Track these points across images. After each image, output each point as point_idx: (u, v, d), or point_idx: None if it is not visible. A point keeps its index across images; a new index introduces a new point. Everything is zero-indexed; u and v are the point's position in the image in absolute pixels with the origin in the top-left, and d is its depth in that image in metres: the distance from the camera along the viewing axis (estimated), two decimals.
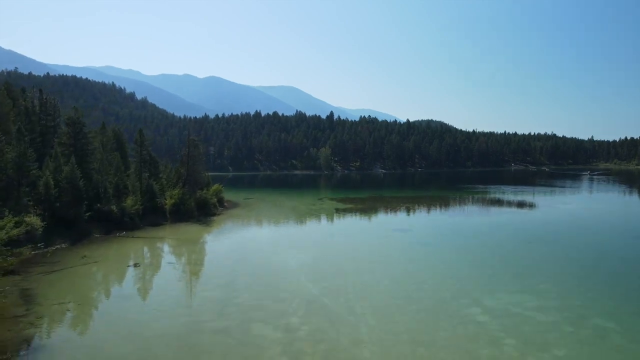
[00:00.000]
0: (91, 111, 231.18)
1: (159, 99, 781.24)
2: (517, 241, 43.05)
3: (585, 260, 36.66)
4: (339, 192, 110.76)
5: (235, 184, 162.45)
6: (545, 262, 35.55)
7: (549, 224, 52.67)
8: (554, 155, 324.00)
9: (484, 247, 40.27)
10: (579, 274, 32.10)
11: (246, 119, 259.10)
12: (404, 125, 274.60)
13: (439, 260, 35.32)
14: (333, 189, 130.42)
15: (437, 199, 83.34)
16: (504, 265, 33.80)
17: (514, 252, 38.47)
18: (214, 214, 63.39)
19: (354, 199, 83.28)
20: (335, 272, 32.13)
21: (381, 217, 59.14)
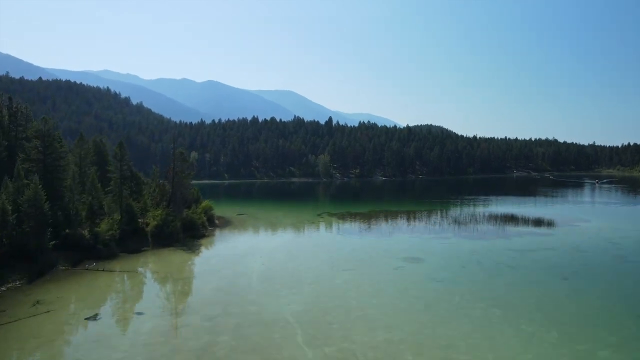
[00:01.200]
0: (84, 117, 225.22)
1: (156, 104, 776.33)
2: (550, 277, 37.08)
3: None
4: (338, 204, 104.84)
5: (230, 193, 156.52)
6: (594, 310, 29.60)
7: (579, 250, 46.71)
8: (556, 161, 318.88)
9: (513, 288, 34.29)
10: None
11: (243, 125, 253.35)
12: (404, 131, 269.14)
13: (464, 310, 29.29)
14: (332, 200, 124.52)
15: (444, 214, 77.46)
16: (546, 318, 27.76)
17: (552, 296, 32.46)
18: (203, 235, 57.34)
19: (355, 215, 77.33)
20: (339, 327, 26.12)
21: (387, 240, 53.10)
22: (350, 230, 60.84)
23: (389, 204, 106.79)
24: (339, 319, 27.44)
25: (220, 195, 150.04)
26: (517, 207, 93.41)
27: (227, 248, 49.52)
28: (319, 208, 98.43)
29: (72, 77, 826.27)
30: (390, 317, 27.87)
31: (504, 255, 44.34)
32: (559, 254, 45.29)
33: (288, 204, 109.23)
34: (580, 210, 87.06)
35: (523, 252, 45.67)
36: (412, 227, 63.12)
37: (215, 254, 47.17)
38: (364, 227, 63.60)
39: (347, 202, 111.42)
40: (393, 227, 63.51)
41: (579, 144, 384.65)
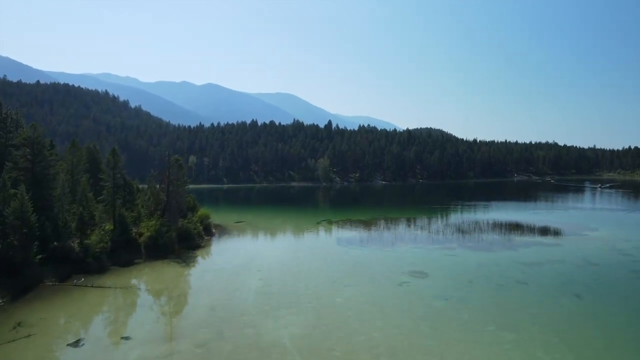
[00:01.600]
0: (82, 121, 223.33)
1: (155, 107, 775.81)
2: (562, 294, 35.22)
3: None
4: (338, 210, 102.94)
5: (229, 198, 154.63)
6: (613, 332, 27.74)
7: (590, 264, 44.82)
8: (556, 165, 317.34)
9: (525, 307, 32.42)
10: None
11: (242, 128, 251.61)
12: (404, 135, 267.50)
13: (473, 333, 27.42)
14: (332, 205, 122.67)
15: (447, 222, 75.65)
16: (562, 342, 25.88)
17: (567, 317, 30.60)
18: (198, 245, 55.44)
19: (356, 223, 75.46)
20: (341, 353, 24.28)
21: (389, 251, 51.22)
22: (351, 240, 58.92)
23: (389, 210, 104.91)
24: (340, 344, 25.55)
25: (219, 201, 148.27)
26: (521, 214, 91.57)
27: (223, 260, 47.57)
28: (319, 215, 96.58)
29: (71, 80, 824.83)
30: (395, 342, 25.99)
31: (512, 269, 42.45)
32: (570, 267, 43.40)
33: (287, 210, 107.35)
34: (586, 217, 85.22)
35: (532, 266, 43.78)
36: (414, 237, 61.23)
37: (211, 267, 45.22)
38: (365, 236, 61.69)
39: (347, 208, 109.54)
40: (395, 236, 61.61)
41: (579, 148, 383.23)
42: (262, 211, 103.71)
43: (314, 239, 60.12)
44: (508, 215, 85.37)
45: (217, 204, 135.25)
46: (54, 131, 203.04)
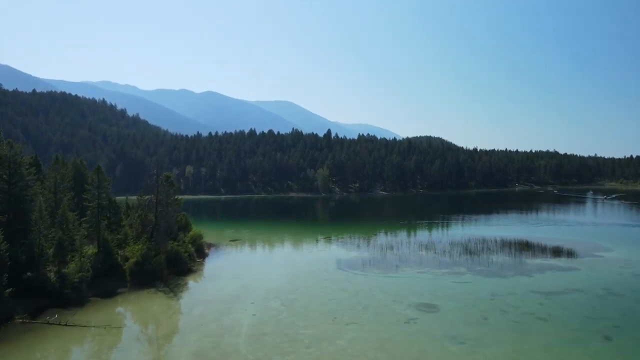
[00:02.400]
0: (77, 130, 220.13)
1: (155, 115, 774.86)
2: (588, 333, 31.72)
3: None
4: (338, 225, 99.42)
5: (226, 210, 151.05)
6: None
7: (613, 293, 41.29)
8: (558, 174, 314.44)
9: (549, 351, 28.86)
10: None
11: (240, 138, 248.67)
12: (404, 144, 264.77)
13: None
14: (332, 218, 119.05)
15: (453, 241, 72.14)
16: None
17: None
18: (189, 269, 51.83)
19: (356, 240, 71.91)
20: None
21: (394, 278, 47.67)
22: (352, 262, 55.34)
23: (391, 224, 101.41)
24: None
25: (216, 213, 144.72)
26: (528, 229, 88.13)
27: (215, 289, 43.89)
28: (318, 229, 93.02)
29: (70, 88, 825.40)
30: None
31: (529, 301, 38.86)
32: (592, 299, 39.81)
33: (285, 224, 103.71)
34: (597, 234, 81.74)
35: (550, 296, 40.20)
36: (420, 258, 57.66)
37: (200, 297, 41.51)
38: (366, 257, 58.11)
39: (347, 222, 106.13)
40: (399, 258, 58.05)
41: (580, 156, 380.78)
42: (260, 225, 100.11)
43: (313, 262, 56.49)
44: (515, 232, 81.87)
45: (214, 217, 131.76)
46: (49, 141, 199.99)
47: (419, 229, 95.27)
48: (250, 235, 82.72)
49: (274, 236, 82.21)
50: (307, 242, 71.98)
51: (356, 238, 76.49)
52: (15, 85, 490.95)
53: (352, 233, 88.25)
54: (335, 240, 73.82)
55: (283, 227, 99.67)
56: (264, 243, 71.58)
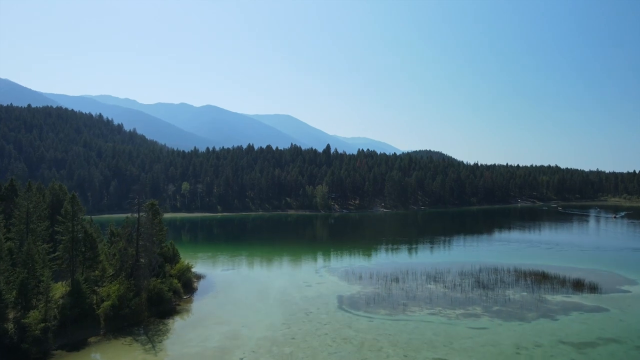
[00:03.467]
0: (72, 146, 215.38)
1: (154, 129, 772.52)
2: None
3: None
4: (339, 248, 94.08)
5: (222, 229, 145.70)
6: None
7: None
8: (560, 189, 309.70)
9: None
10: None
11: (238, 153, 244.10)
12: (404, 159, 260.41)
13: None
14: (332, 239, 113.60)
15: (462, 270, 67.12)
16: None
17: None
18: (174, 309, 46.60)
19: (359, 269, 66.71)
20: None
21: (403, 321, 42.50)
22: (355, 300, 50.16)
23: (395, 246, 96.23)
24: None
25: (212, 232, 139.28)
26: (541, 254, 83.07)
27: (199, 338, 38.58)
28: (318, 252, 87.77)
29: (70, 102, 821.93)
30: None
31: (558, 356, 33.69)
32: (630, 351, 34.65)
33: (283, 246, 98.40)
34: (616, 261, 76.66)
35: (582, 349, 35.07)
36: (429, 294, 52.50)
37: (182, 350, 36.19)
38: (370, 293, 52.94)
39: (347, 244, 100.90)
40: (406, 293, 52.91)
41: (582, 171, 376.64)
42: (256, 248, 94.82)
43: (311, 298, 51.26)
44: (528, 259, 76.86)
45: (209, 236, 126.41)
46: (42, 157, 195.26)
47: (423, 252, 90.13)
48: (245, 262, 77.50)
49: (271, 264, 76.93)
50: (306, 273, 66.71)
51: (357, 265, 71.41)
52: (15, 99, 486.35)
53: (352, 256, 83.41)
54: (336, 268, 68.67)
55: (280, 249, 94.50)
56: (258, 275, 66.23)
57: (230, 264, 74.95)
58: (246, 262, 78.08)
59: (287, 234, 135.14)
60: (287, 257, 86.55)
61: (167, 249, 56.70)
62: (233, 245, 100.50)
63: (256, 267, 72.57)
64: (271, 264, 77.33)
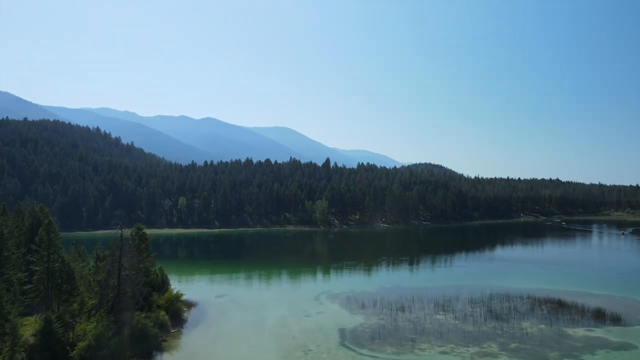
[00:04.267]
0: (67, 160, 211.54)
1: (153, 141, 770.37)
2: None
3: None
4: (340, 271, 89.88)
5: (219, 246, 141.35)
6: None
7: None
8: (563, 204, 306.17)
9: None
10: None
11: (236, 167, 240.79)
12: (405, 173, 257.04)
13: None
14: (332, 257, 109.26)
15: (473, 297, 63.03)
16: None
17: None
18: (159, 345, 42.33)
19: (362, 298, 62.40)
20: None
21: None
22: (358, 334, 45.96)
23: (398, 270, 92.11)
24: None
25: (208, 249, 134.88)
26: (552, 277, 79.04)
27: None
28: (318, 277, 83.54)
29: (69, 115, 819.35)
30: None
31: None
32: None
33: (282, 269, 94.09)
34: (634, 285, 72.62)
35: None
36: (439, 326, 48.35)
37: None
38: (375, 325, 48.77)
39: (349, 264, 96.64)
40: (413, 324, 48.82)
41: (584, 185, 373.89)
42: (253, 268, 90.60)
43: (310, 331, 47.02)
44: (539, 282, 72.82)
45: (205, 254, 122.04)
46: (36, 172, 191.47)
47: (428, 274, 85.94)
48: (241, 285, 73.28)
49: (268, 286, 72.72)
50: (305, 297, 62.55)
51: (359, 290, 67.23)
52: (14, 112, 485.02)
53: (354, 278, 79.39)
54: (336, 294, 64.48)
55: (278, 269, 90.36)
56: (254, 301, 61.87)
57: (226, 286, 70.75)
58: (242, 284, 73.93)
59: (285, 251, 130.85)
60: (286, 279, 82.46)
61: (155, 276, 52.59)
62: (229, 265, 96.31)
63: (253, 292, 68.33)
64: (268, 287, 73.15)
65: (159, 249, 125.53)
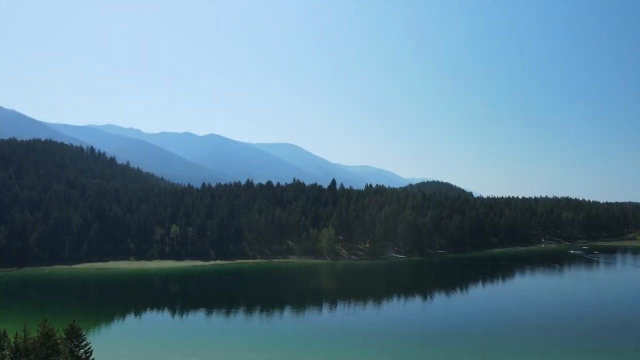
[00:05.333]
0: (52, 184, 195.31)
1: (156, 159, 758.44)
2: None
3: None
4: (350, 328, 71.58)
5: (210, 287, 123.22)
6: None
7: None
8: (586, 227, 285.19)
9: None
10: None
11: (235, 190, 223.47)
12: (417, 197, 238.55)
13: None
14: (339, 298, 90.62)
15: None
16: None
17: None
18: None
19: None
20: None
21: None
22: None
23: (425, 338, 73.73)
24: None
25: (198, 297, 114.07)
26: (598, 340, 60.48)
27: None
28: (321, 326, 64.98)
29: (74, 132, 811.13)
30: None
31: None
32: None
33: (279, 318, 75.89)
34: None
35: None
36: None
37: None
38: None
39: (356, 309, 78.35)
40: None
41: (607, 203, 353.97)
42: (244, 323, 72.55)
43: None
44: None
45: (190, 301, 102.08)
46: (15, 198, 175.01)
47: (464, 344, 67.27)
48: (226, 348, 55.29)
49: (262, 353, 54.64)
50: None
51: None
52: (19, 130, 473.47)
53: (365, 351, 61.13)
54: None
55: (275, 323, 72.12)
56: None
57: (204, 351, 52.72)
58: (229, 345, 55.94)
59: (285, 294, 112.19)
60: (283, 336, 64.15)
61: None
62: (221, 306, 78.19)
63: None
64: (263, 352, 55.06)
65: (140, 295, 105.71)
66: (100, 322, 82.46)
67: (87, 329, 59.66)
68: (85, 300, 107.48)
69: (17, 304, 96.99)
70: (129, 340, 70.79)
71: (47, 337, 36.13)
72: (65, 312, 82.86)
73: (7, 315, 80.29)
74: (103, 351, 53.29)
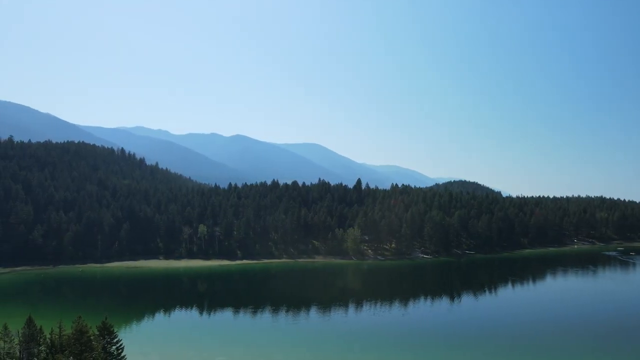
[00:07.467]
0: (85, 185, 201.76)
1: (184, 160, 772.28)
2: None
3: None
4: (372, 316, 71.06)
5: (237, 285, 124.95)
6: None
7: None
8: (621, 227, 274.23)
9: None
10: None
11: (261, 190, 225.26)
12: (444, 196, 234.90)
13: None
14: (365, 300, 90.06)
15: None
16: None
17: None
18: None
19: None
20: None
21: None
22: None
23: (442, 327, 72.46)
24: None
25: (224, 297, 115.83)
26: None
27: None
28: (347, 327, 64.71)
29: (105, 134, 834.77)
30: None
31: None
32: None
33: (305, 318, 76.09)
34: None
35: None
36: None
37: None
38: None
39: (382, 310, 77.65)
40: None
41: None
42: (269, 326, 73.13)
43: None
44: None
45: (217, 301, 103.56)
46: (51, 198, 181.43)
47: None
48: (251, 347, 55.85)
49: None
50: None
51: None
52: (54, 133, 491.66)
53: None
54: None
55: (300, 326, 72.36)
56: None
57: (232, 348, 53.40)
58: (253, 343, 56.45)
59: (310, 294, 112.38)
60: (308, 338, 64.21)
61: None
62: (248, 304, 79.01)
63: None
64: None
65: (170, 293, 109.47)
66: (131, 320, 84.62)
67: (118, 326, 61.29)
68: (117, 298, 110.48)
69: (52, 302, 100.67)
70: (158, 338, 72.38)
71: (81, 333, 37.29)
72: (97, 309, 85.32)
73: (44, 312, 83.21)
74: (133, 348, 54.63)
